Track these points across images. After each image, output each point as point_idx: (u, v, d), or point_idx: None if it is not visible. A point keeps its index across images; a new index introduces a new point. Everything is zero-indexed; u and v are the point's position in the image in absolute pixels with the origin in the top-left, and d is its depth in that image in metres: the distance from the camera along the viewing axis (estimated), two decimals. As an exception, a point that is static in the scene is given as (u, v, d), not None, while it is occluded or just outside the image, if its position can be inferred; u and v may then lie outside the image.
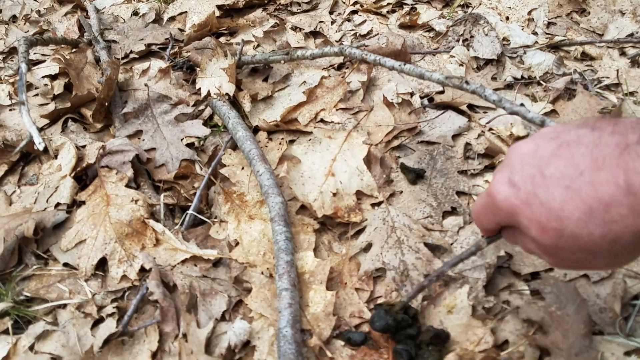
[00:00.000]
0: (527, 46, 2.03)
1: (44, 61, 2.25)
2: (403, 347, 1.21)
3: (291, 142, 1.78)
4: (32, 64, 2.23)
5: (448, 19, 2.27)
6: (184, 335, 1.25)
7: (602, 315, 1.16)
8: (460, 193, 1.56)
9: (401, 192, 1.58)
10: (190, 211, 1.54)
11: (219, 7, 2.42)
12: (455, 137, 1.72)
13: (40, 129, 1.90)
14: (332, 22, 2.38)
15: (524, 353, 1.10)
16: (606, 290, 1.20)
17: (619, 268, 1.25)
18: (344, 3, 2.49)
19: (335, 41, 2.28)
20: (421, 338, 1.20)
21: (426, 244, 1.37)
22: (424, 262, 1.34)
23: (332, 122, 1.84)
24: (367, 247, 1.42)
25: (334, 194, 1.54)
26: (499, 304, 1.27)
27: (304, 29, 2.33)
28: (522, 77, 1.91)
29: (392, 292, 1.33)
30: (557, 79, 1.87)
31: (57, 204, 1.60)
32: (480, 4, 2.34)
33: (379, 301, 1.32)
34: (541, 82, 1.89)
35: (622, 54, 1.96)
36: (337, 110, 1.88)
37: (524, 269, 1.31)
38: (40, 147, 1.58)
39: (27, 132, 1.66)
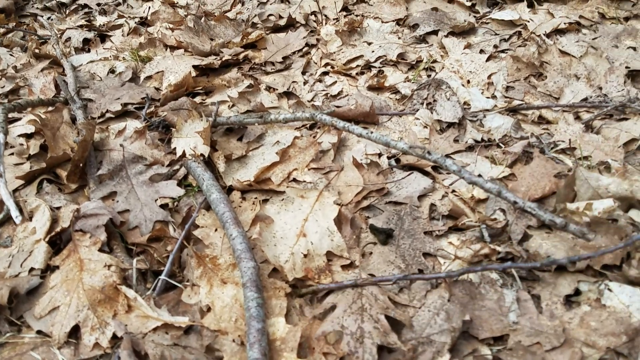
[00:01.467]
0: (487, 110, 2.15)
1: (20, 119, 2.27)
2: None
3: (264, 201, 1.83)
4: (8, 121, 2.25)
5: (413, 82, 2.38)
6: (155, 407, 1.26)
7: (558, 383, 1.22)
8: (426, 254, 1.62)
9: (371, 253, 1.64)
10: (162, 276, 1.56)
11: (195, 67, 2.50)
12: (420, 197, 1.80)
13: (15, 190, 1.91)
14: (305, 83, 2.47)
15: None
16: (564, 359, 1.26)
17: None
18: (316, 64, 2.60)
19: (308, 101, 2.37)
20: None
21: (387, 317, 1.42)
22: (380, 332, 1.39)
23: (304, 181, 1.90)
24: (332, 309, 1.46)
25: (305, 255, 1.58)
26: (463, 369, 1.32)
27: (277, 89, 2.41)
28: (482, 140, 2.01)
29: (345, 356, 1.37)
30: (515, 142, 1.98)
31: (31, 269, 1.60)
32: (443, 68, 2.47)
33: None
34: (500, 144, 1.99)
35: (577, 118, 2.09)
36: (309, 169, 1.95)
37: (482, 333, 1.37)
38: (17, 221, 1.60)
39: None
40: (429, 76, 2.44)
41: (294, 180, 1.92)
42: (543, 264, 1.40)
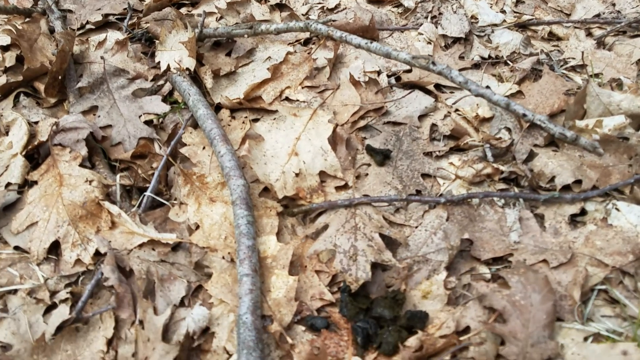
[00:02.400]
0: (495, 25, 2.01)
1: (-7, 30, 2.12)
2: (361, 325, 1.21)
3: (255, 121, 1.72)
4: (-20, 32, 2.10)
5: (417, -5, 2.22)
6: (141, 322, 1.21)
7: (561, 303, 1.17)
8: (425, 175, 1.55)
9: (366, 174, 1.56)
10: (148, 193, 1.48)
11: (181, -25, 2.31)
12: (421, 117, 1.70)
13: (-11, 103, 1.80)
14: (299, -5, 2.30)
15: (485, 339, 1.10)
16: (567, 278, 1.21)
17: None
18: (312, -25, 2.42)
19: (302, 14, 2.21)
20: (400, 323, 1.20)
21: (381, 235, 1.36)
22: (374, 250, 1.33)
23: (298, 100, 1.79)
24: (324, 229, 1.40)
25: (297, 175, 1.50)
26: (460, 287, 1.27)
27: (269, 1, 2.25)
28: (490, 57, 1.89)
29: (338, 273, 1.32)
30: (523, 59, 1.86)
31: (8, 184, 1.52)
32: (450, -20, 2.31)
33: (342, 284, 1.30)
34: (508, 62, 1.88)
35: (589, 34, 1.96)
36: (302, 88, 1.83)
37: (484, 254, 1.31)
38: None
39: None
40: (433, -11, 2.27)
41: (287, 99, 1.81)
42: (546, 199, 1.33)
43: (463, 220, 1.40)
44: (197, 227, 1.42)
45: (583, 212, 1.37)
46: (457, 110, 1.70)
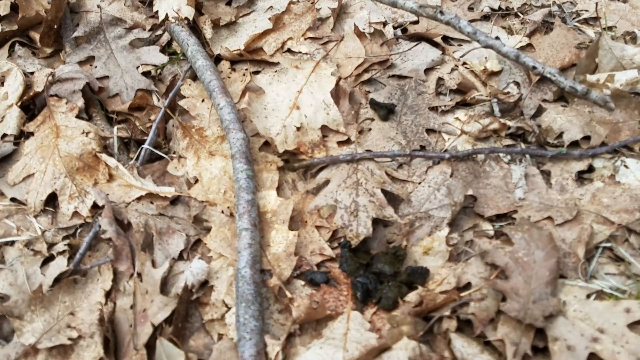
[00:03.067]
0: (507, -25, 1.92)
1: (-15, -23, 2.05)
2: (361, 280, 1.20)
3: (255, 73, 1.67)
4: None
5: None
6: (139, 275, 1.20)
7: (565, 260, 1.16)
8: (430, 131, 1.51)
9: (369, 129, 1.52)
10: (145, 145, 1.45)
11: None
12: (427, 71, 1.65)
13: (-17, 53, 1.75)
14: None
15: (486, 295, 1.09)
16: (572, 235, 1.19)
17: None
18: None
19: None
20: (400, 278, 1.19)
21: (383, 191, 1.33)
22: (376, 206, 1.30)
23: (300, 52, 1.73)
24: (325, 184, 1.37)
25: (298, 129, 1.47)
26: (462, 244, 1.25)
27: (272, -52, 2.15)
28: (500, 8, 1.82)
29: (339, 229, 1.30)
30: (535, 11, 1.79)
31: (4, 135, 1.49)
32: None
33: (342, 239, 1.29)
34: (519, 13, 1.80)
35: (604, -14, 1.88)
36: (305, 39, 1.77)
37: (488, 211, 1.29)
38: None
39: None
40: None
41: (289, 50, 1.75)
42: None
43: (467, 177, 1.37)
44: (196, 180, 1.40)
45: (590, 169, 1.34)
46: (464, 63, 1.64)
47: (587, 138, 1.37)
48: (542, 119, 1.43)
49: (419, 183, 1.38)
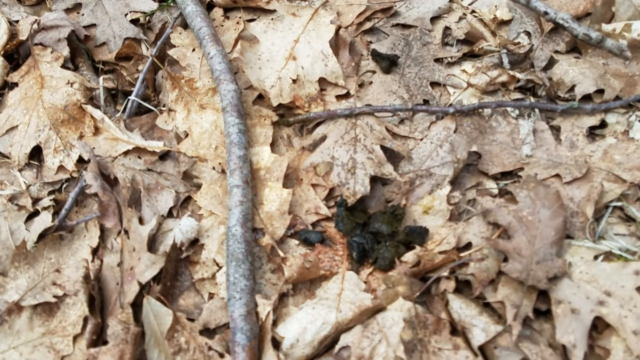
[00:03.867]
0: None
1: None
2: (357, 240, 1.15)
3: (250, 21, 1.58)
4: None
5: None
6: (126, 232, 1.16)
7: (572, 220, 1.09)
8: (434, 84, 1.42)
9: (370, 82, 1.44)
10: (132, 97, 1.38)
11: None
12: (434, 20, 1.55)
13: (-35, -1, 1.66)
14: None
15: (487, 255, 1.03)
16: (581, 194, 1.12)
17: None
18: None
19: None
20: (398, 238, 1.14)
21: (383, 147, 1.26)
22: (374, 163, 1.24)
23: (298, -1, 1.64)
24: (322, 140, 1.30)
25: (294, 81, 1.39)
26: (463, 203, 1.19)
27: None
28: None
29: (335, 187, 1.24)
30: (550, -44, 1.67)
31: (-14, 86, 1.43)
32: None
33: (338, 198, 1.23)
34: (533, -41, 1.68)
35: None
36: (304, -15, 1.67)
37: (493, 168, 1.22)
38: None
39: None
40: None
41: (287, -4, 1.65)
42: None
43: (472, 132, 1.29)
44: (186, 135, 1.34)
45: (603, 124, 1.26)
46: (473, 11, 1.54)
47: (600, 92, 1.29)
48: (554, 71, 1.34)
49: (421, 139, 1.31)
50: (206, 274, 1.15)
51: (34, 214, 1.23)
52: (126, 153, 1.29)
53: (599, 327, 0.97)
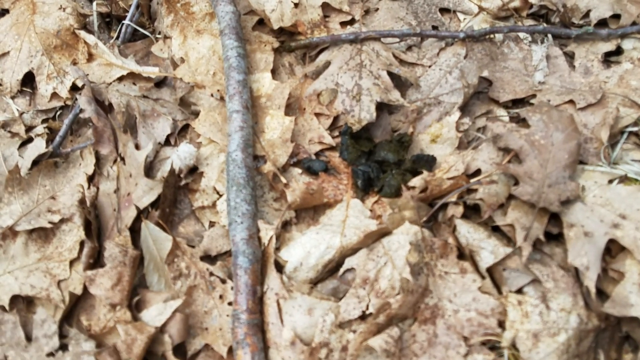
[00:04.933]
0: None
1: None
2: (362, 169, 1.11)
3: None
4: None
5: None
6: (122, 158, 1.12)
7: (586, 146, 1.05)
8: (443, 10, 1.36)
9: (377, 9, 1.37)
10: (126, 21, 1.32)
11: None
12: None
13: None
14: None
15: (496, 180, 1.00)
16: (595, 120, 1.08)
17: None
18: None
19: None
20: (404, 167, 1.10)
21: (389, 73, 1.20)
22: (380, 89, 1.18)
23: None
24: (326, 66, 1.25)
25: (296, 5, 1.32)
26: (473, 130, 1.15)
27: None
28: None
29: (340, 115, 1.19)
30: None
31: (-25, 12, 1.37)
32: None
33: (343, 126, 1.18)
34: None
35: None
36: None
37: (504, 95, 1.17)
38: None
39: None
40: None
41: None
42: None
43: (483, 59, 1.23)
44: (183, 61, 1.28)
45: (619, 50, 1.20)
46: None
47: (616, 17, 1.23)
48: (569, -5, 1.28)
49: (430, 66, 1.25)
50: (206, 202, 1.11)
51: (28, 141, 1.19)
52: (120, 79, 1.24)
53: (612, 251, 0.94)
